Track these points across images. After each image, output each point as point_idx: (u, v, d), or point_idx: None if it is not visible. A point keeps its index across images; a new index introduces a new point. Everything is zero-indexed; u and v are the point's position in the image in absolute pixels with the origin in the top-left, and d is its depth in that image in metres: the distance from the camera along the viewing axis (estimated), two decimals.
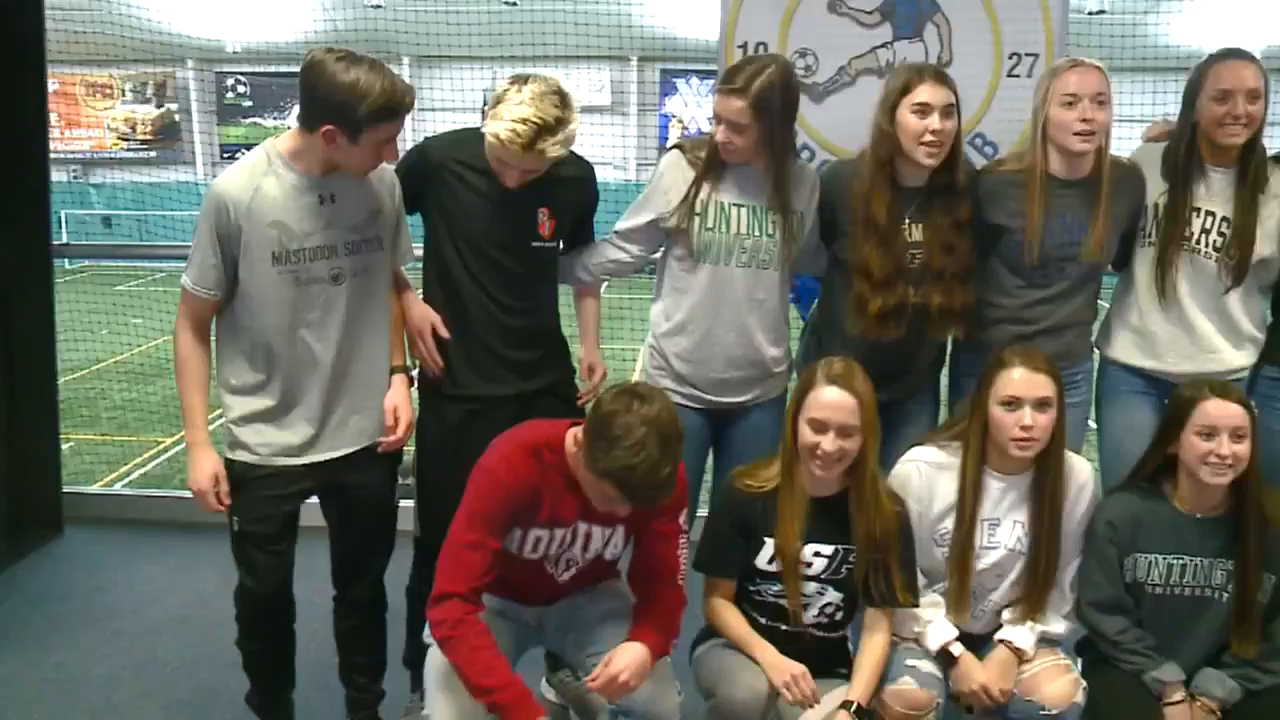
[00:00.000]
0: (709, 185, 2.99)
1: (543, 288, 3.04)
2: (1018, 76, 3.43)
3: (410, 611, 3.15)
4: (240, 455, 2.78)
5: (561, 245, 3.08)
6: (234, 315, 2.73)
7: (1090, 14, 13.37)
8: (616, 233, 3.15)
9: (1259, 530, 2.62)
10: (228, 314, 2.74)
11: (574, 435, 2.48)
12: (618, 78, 19.78)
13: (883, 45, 3.47)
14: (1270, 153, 3.09)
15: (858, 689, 2.62)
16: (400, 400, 2.89)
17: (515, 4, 13.59)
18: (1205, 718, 2.60)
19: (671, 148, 3.11)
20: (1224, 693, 2.61)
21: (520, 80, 2.73)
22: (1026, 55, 3.46)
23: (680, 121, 20.31)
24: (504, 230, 2.90)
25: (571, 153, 2.88)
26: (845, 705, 2.59)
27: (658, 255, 3.20)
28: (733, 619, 2.73)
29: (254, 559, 2.84)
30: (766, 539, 2.68)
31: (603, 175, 3.15)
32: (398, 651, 3.21)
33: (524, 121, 2.67)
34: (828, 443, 2.57)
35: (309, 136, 2.59)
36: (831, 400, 2.59)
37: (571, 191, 2.98)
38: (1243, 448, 2.57)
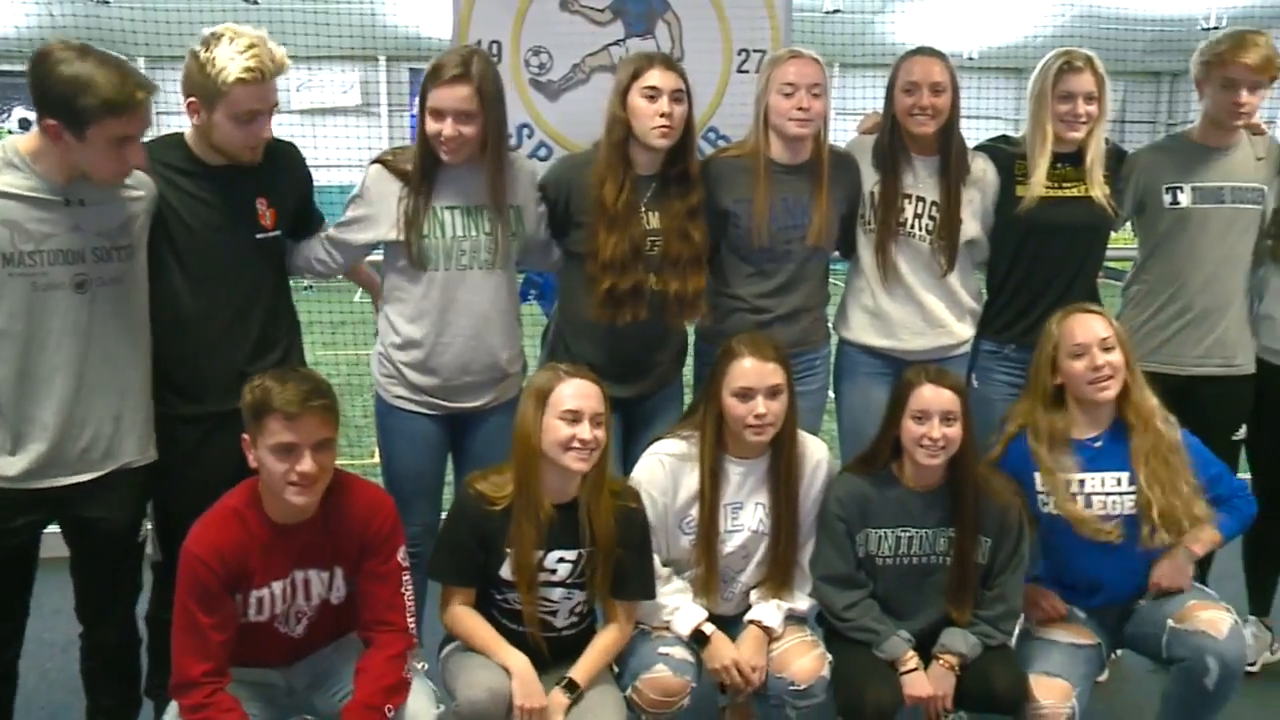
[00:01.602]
0: (420, 193, 2.92)
1: (272, 285, 2.92)
2: (746, 72, 3.54)
3: (151, 639, 2.98)
4: None
5: (288, 236, 2.99)
6: None
7: (827, 13, 13.97)
8: (328, 238, 3.06)
9: (973, 501, 2.79)
10: None
11: None
12: (366, 78, 19.29)
13: (615, 43, 3.51)
14: (975, 144, 3.32)
15: (578, 668, 2.65)
16: None
17: (256, 3, 13.04)
18: (945, 674, 2.75)
19: (373, 162, 3.03)
20: (966, 649, 2.76)
21: (207, 40, 2.63)
22: (755, 51, 3.57)
23: None
24: (225, 227, 2.77)
25: (275, 138, 2.83)
26: (560, 681, 2.62)
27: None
28: (474, 625, 2.70)
29: None
30: (509, 550, 2.65)
31: (353, 177, 3.06)
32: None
33: (249, 48, 2.59)
34: (584, 431, 2.57)
35: (43, 136, 2.43)
36: (580, 390, 2.61)
37: (286, 175, 2.90)
38: (953, 430, 2.73)
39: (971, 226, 3.24)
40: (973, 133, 3.39)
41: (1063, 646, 2.85)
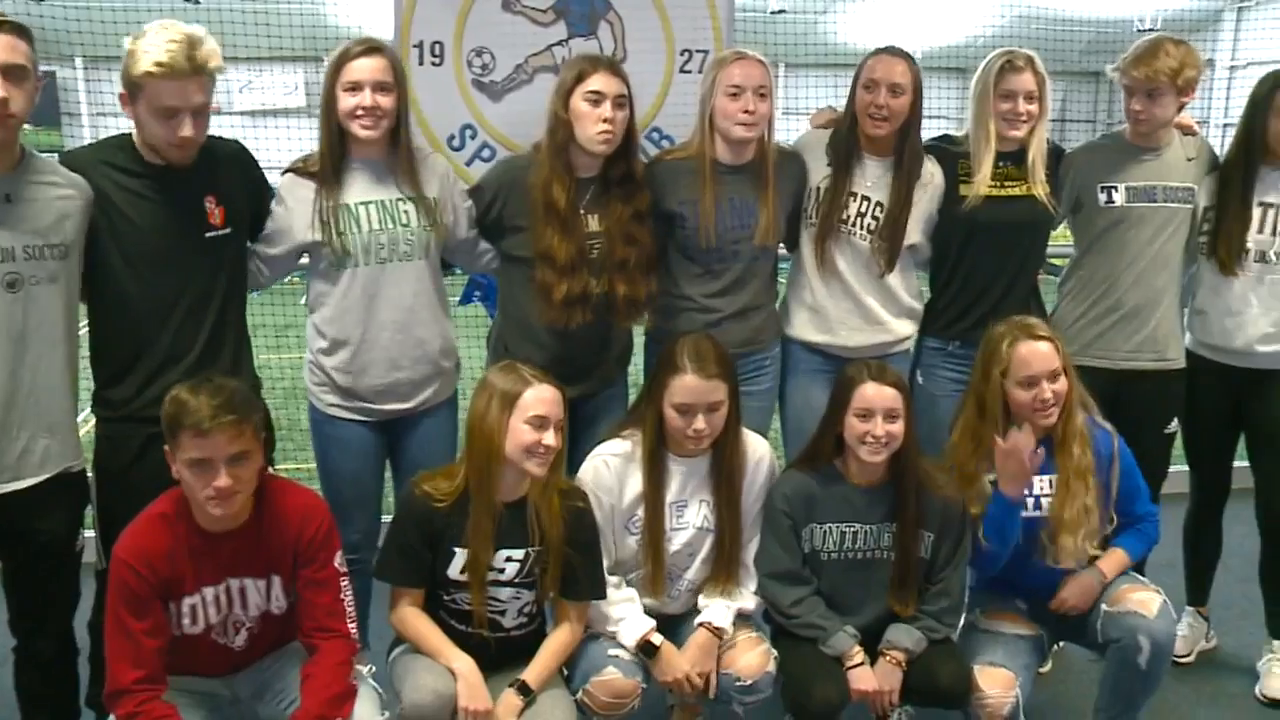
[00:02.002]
0: (331, 191, 2.91)
1: (224, 286, 2.87)
2: (689, 72, 3.52)
3: (94, 648, 2.93)
4: None
5: (247, 237, 2.96)
6: None
7: (773, 13, 14.03)
8: (254, 251, 3.02)
9: (916, 496, 2.82)
10: None
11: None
12: (312, 79, 19.10)
13: (558, 43, 3.49)
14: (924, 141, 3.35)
15: (530, 671, 2.65)
16: None
17: (199, 3, 12.85)
18: (891, 669, 2.77)
19: (284, 172, 3.01)
20: (912, 643, 2.79)
21: (143, 31, 2.62)
22: (698, 52, 3.56)
23: None
24: (173, 225, 2.73)
25: (216, 138, 2.82)
26: (513, 684, 2.62)
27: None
28: (421, 627, 2.68)
29: None
30: (456, 549, 2.65)
31: None
32: None
33: (171, 42, 2.56)
34: (549, 437, 2.58)
35: None
36: (547, 396, 2.61)
37: (233, 172, 2.87)
38: (896, 427, 2.76)
39: (914, 231, 3.26)
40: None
41: (1006, 637, 2.90)
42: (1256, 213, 3.23)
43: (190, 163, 2.74)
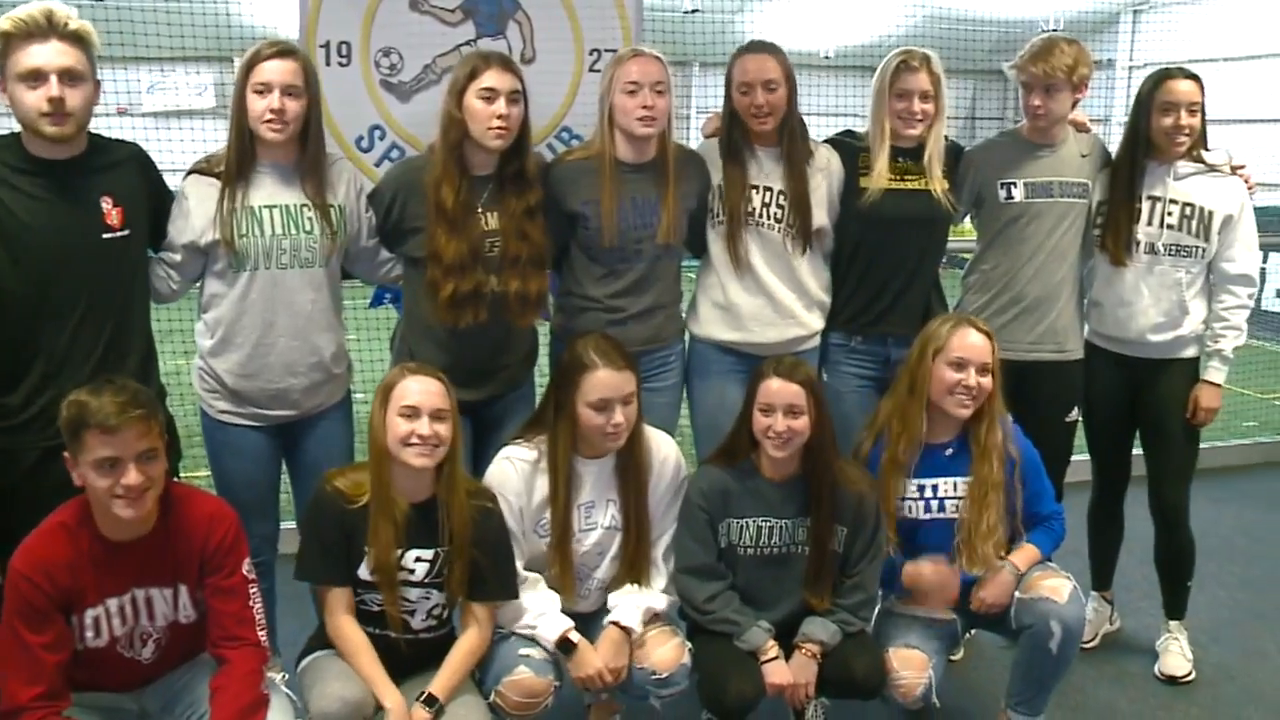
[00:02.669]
0: (238, 191, 2.87)
1: (124, 291, 2.80)
2: (598, 71, 3.50)
3: None
4: None
5: (149, 241, 2.90)
6: None
7: (686, 13, 14.08)
8: (160, 258, 2.97)
9: (829, 491, 2.85)
10: None
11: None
12: (220, 80, 18.74)
13: (467, 43, 3.45)
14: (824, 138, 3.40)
15: (437, 681, 2.62)
16: None
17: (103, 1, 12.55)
18: (807, 662, 2.80)
19: (189, 173, 2.97)
20: (827, 636, 2.82)
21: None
22: (607, 51, 3.54)
23: None
24: (67, 226, 2.67)
25: (113, 140, 2.78)
26: (420, 696, 2.59)
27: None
28: (356, 647, 2.63)
29: None
30: (367, 549, 2.62)
31: None
32: None
33: (30, 7, 2.52)
34: (423, 426, 2.56)
35: None
36: (419, 386, 2.60)
37: (130, 173, 2.81)
38: (798, 423, 2.78)
39: (819, 214, 3.29)
40: (829, 130, 3.47)
41: (921, 621, 2.95)
42: (1145, 206, 3.34)
43: (76, 149, 2.68)
